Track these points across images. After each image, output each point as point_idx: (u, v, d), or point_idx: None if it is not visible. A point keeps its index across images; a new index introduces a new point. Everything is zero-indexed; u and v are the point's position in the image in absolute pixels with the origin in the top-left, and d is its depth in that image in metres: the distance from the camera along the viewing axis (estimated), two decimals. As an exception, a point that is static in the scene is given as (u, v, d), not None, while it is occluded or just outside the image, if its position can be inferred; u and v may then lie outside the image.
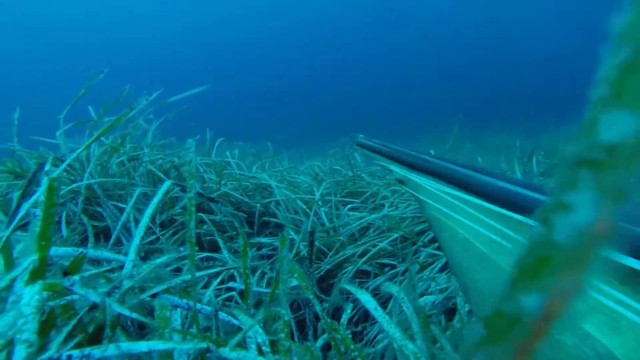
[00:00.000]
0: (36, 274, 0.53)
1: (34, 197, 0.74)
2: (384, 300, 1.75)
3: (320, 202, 2.46)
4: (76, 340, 0.50)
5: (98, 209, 1.77)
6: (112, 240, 1.54)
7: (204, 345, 0.48)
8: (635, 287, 0.36)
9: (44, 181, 0.54)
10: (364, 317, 1.66)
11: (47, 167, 1.04)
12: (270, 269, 1.96)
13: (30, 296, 0.46)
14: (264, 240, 2.14)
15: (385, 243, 2.05)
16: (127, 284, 0.56)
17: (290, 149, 5.75)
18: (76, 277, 0.55)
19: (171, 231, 1.93)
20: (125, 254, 0.88)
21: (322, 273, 2.00)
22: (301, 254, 2.05)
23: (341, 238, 2.20)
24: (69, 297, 0.54)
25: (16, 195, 0.96)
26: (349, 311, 1.07)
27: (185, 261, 1.36)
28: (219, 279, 1.64)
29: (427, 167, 0.73)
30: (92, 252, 0.64)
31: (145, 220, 0.73)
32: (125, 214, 1.60)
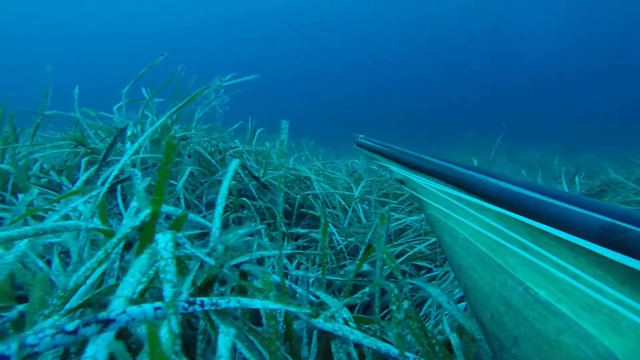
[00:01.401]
0: (149, 226, 0.56)
1: (123, 160, 0.78)
2: (418, 303, 1.74)
3: (358, 200, 2.47)
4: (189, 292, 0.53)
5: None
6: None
7: (308, 310, 0.49)
8: (635, 287, 0.35)
9: (167, 139, 0.57)
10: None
11: (129, 132, 1.08)
12: (306, 259, 1.98)
13: (165, 241, 0.48)
14: (301, 230, 2.15)
15: (423, 246, 2.04)
16: (221, 248, 0.58)
17: (324, 147, 5.77)
18: (181, 235, 0.58)
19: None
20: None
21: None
22: (338, 247, 2.06)
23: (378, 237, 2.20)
24: (182, 252, 0.56)
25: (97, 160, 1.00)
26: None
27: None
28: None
29: (427, 167, 0.73)
30: (191, 215, 0.67)
31: (224, 191, 0.75)
32: (177, 190, 1.64)
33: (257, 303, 0.45)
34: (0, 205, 1.32)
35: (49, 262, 0.70)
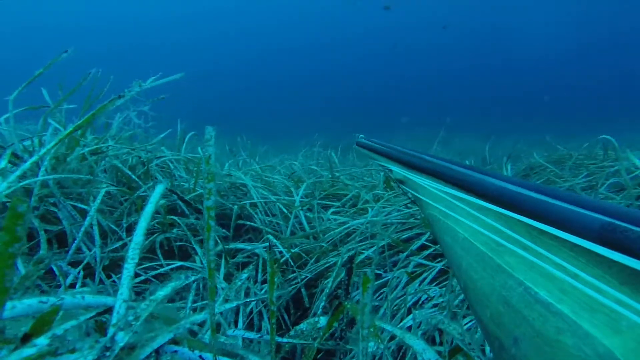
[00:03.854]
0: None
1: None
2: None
3: (298, 204, 2.33)
4: None
5: (53, 209, 1.55)
6: (72, 249, 1.34)
7: None
8: (635, 287, 0.36)
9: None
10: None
11: (2, 164, 0.84)
12: (248, 278, 1.81)
13: None
14: (241, 245, 1.98)
15: (371, 251, 1.96)
16: (121, 339, 0.41)
17: (264, 144, 5.57)
18: (42, 341, 0.39)
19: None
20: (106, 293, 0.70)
21: (304, 282, 1.88)
22: (282, 260, 1.92)
23: (323, 244, 2.09)
24: None
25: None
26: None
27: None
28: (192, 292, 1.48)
29: (427, 167, 0.73)
30: (69, 299, 0.48)
31: (139, 237, 0.57)
32: (89, 218, 1.40)
33: None
34: None
35: None
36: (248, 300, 1.02)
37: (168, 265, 1.57)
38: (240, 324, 1.54)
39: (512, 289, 0.45)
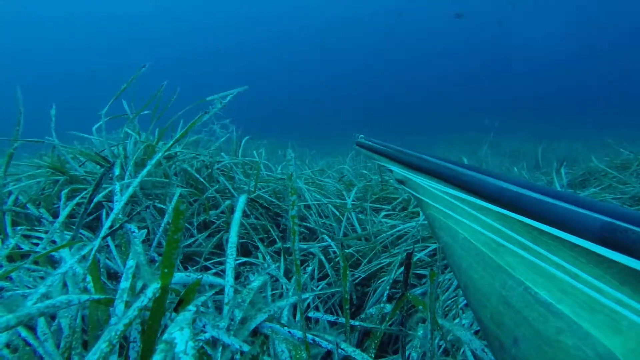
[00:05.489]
0: (158, 304, 0.49)
1: (115, 210, 0.70)
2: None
3: (350, 206, 2.42)
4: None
5: (136, 207, 1.74)
6: (154, 244, 1.50)
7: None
8: (635, 287, 0.35)
9: (174, 203, 0.50)
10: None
11: (117, 172, 1.00)
12: (304, 272, 1.92)
13: (184, 341, 0.42)
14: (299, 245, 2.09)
15: (423, 254, 2.00)
16: (238, 315, 0.52)
17: (311, 149, 5.71)
18: (192, 308, 0.51)
19: (206, 233, 1.89)
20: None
21: (357, 281, 1.96)
22: (336, 259, 2.01)
23: (375, 246, 2.15)
24: (201, 337, 0.50)
25: (72, 202, 0.91)
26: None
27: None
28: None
29: (427, 167, 0.73)
30: (207, 277, 0.60)
31: (233, 237, 0.68)
32: (166, 216, 1.56)
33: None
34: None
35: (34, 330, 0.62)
36: (322, 292, 1.11)
37: (235, 260, 1.71)
38: (297, 316, 1.65)
39: (512, 289, 0.45)
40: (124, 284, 0.55)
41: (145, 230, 0.76)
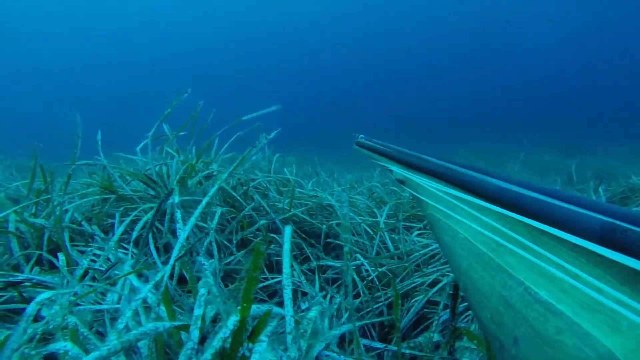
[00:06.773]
0: (238, 334, 0.54)
1: (180, 240, 0.76)
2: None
3: (382, 226, 2.44)
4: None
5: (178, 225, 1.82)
6: (198, 261, 1.57)
7: None
8: (635, 287, 0.35)
9: (255, 245, 0.55)
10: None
11: (176, 199, 1.07)
12: (337, 291, 1.95)
13: None
14: (331, 262, 2.13)
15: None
16: (304, 345, 0.56)
17: (336, 161, 5.76)
18: (264, 339, 0.56)
19: (244, 251, 1.95)
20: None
21: (390, 300, 1.97)
22: (369, 278, 2.03)
23: (408, 265, 2.16)
24: None
25: (137, 225, 0.98)
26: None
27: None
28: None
29: (427, 167, 0.73)
30: (276, 309, 0.66)
31: (287, 269, 0.73)
32: (210, 235, 1.63)
33: None
34: (37, 268, 1.31)
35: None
36: (371, 321, 1.13)
37: (273, 278, 1.75)
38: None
39: (512, 289, 0.45)
40: (198, 311, 0.60)
41: (215, 261, 0.82)
